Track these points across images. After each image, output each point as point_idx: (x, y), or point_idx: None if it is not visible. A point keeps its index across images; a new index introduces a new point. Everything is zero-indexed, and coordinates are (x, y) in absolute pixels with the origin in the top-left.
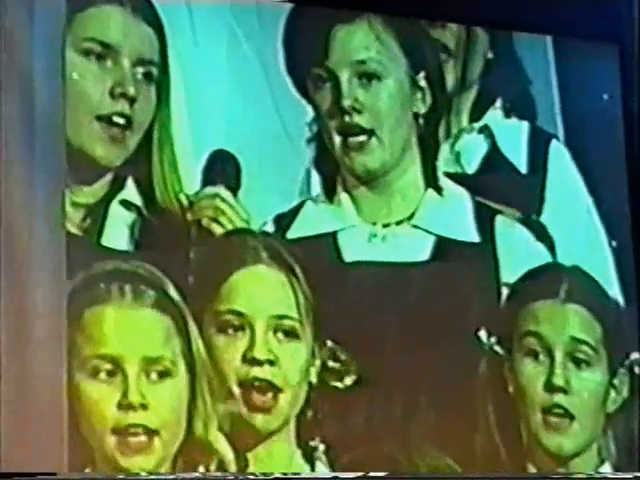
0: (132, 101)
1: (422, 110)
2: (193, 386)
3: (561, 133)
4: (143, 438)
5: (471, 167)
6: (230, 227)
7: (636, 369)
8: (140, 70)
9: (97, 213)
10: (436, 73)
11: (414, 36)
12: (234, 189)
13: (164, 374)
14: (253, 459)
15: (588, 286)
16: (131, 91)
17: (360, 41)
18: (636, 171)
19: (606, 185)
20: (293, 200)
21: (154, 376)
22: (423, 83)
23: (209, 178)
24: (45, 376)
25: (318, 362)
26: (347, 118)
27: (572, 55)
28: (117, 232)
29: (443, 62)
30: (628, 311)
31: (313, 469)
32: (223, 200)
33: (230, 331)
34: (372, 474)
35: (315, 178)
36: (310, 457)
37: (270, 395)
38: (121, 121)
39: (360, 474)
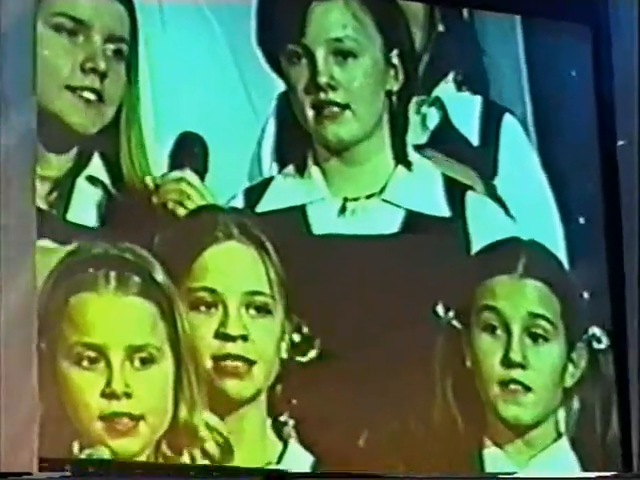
0: (102, 76)
1: (395, 87)
2: (179, 370)
3: (529, 109)
4: (127, 425)
5: (427, 137)
6: None
7: (594, 344)
8: (111, 47)
9: (64, 187)
10: (408, 50)
11: (388, 13)
12: (201, 172)
13: (149, 361)
14: (226, 431)
15: (546, 261)
16: (102, 66)
17: (337, 19)
18: (608, 150)
19: (573, 162)
20: (258, 175)
21: (139, 363)
22: (396, 60)
23: (176, 161)
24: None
25: (288, 338)
26: (322, 95)
27: (541, 34)
28: (83, 208)
29: (414, 39)
30: (592, 286)
31: (286, 445)
32: (189, 184)
33: (202, 308)
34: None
35: (283, 153)
36: (280, 433)
37: (243, 364)
38: (92, 97)
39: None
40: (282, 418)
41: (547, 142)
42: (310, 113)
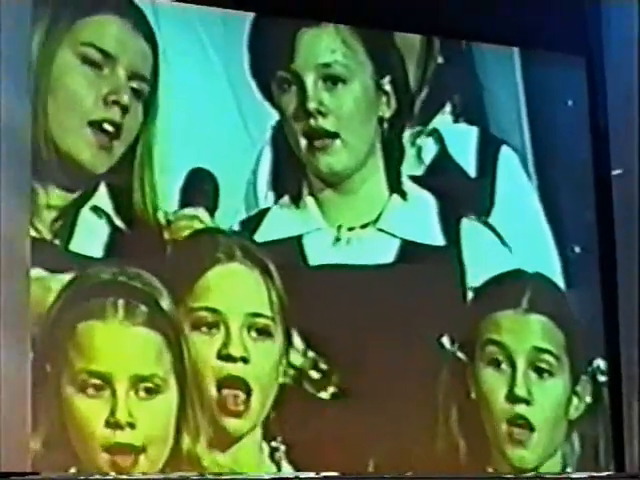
0: (124, 110)
1: (387, 114)
2: (183, 400)
3: (527, 140)
4: (129, 456)
5: (424, 169)
6: None
7: (599, 376)
8: (133, 84)
9: (68, 217)
10: (401, 78)
11: (379, 41)
12: (212, 209)
13: (154, 391)
14: (222, 460)
15: (550, 294)
16: (125, 99)
17: (326, 44)
18: (604, 179)
19: (570, 191)
20: (256, 205)
21: (144, 393)
22: (388, 87)
23: (188, 197)
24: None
25: (285, 362)
26: (312, 121)
27: (539, 65)
28: (87, 238)
29: (407, 66)
30: (587, 316)
31: (279, 469)
32: (201, 222)
33: (204, 329)
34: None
35: (278, 183)
36: (273, 457)
37: (243, 399)
38: (111, 129)
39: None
40: (274, 444)
41: (544, 172)
42: (302, 142)
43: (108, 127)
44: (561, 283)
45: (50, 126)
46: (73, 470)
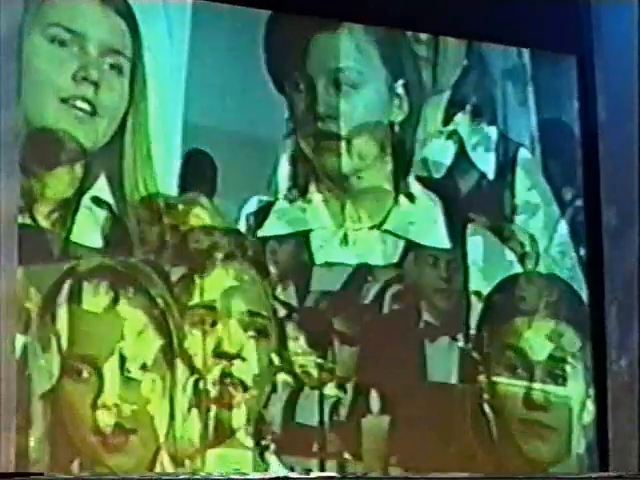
0: (95, 86)
1: (399, 118)
2: (174, 381)
3: (537, 140)
4: (119, 438)
5: (440, 172)
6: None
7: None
8: (108, 60)
9: (68, 208)
10: (414, 81)
11: (393, 45)
12: (210, 194)
13: (143, 372)
14: (213, 455)
15: (566, 297)
16: (94, 75)
17: (340, 49)
18: (592, 179)
19: (570, 192)
20: (264, 199)
21: (132, 374)
22: (401, 90)
23: (187, 182)
24: None
25: (281, 360)
26: (321, 124)
27: (543, 66)
28: (87, 228)
29: (420, 70)
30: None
31: (267, 467)
32: (202, 207)
33: (202, 326)
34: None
35: (286, 178)
36: (263, 455)
37: (236, 394)
38: (85, 106)
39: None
40: (264, 442)
41: (549, 175)
42: (311, 143)
43: (82, 104)
44: (581, 287)
45: (27, 109)
46: (76, 464)
